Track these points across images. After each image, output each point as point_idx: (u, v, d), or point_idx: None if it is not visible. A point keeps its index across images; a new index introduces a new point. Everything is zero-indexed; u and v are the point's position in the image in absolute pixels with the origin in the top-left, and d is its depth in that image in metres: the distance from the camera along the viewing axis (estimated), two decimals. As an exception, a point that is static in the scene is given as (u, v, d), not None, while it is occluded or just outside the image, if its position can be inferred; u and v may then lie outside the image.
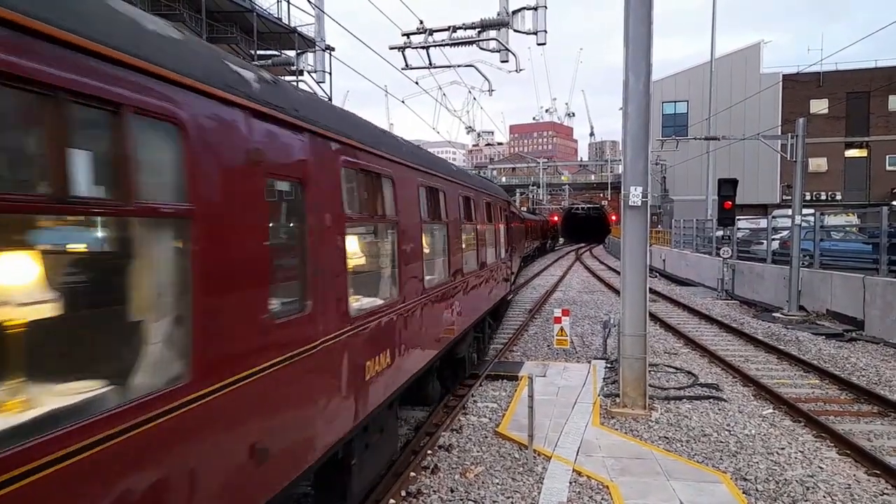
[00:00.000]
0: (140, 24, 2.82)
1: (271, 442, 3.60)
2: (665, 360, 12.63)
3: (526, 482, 6.74)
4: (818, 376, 11.39)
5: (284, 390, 3.77)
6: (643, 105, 8.94)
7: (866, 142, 44.91)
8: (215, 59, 3.42)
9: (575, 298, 23.11)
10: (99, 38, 2.43)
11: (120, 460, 2.46)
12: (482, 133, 42.98)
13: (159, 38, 2.91)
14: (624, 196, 9.11)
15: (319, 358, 4.20)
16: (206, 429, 3.04)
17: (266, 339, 3.55)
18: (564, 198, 79.14)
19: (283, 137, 3.87)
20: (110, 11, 2.66)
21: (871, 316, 14.95)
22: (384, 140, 6.07)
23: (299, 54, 31.04)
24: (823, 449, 7.82)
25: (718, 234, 25.40)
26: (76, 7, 2.44)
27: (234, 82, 3.41)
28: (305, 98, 4.70)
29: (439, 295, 7.82)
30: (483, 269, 11.09)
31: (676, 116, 47.68)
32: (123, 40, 2.59)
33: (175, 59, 2.91)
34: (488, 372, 11.31)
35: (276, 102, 3.79)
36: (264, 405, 3.56)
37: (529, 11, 11.58)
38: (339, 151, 4.69)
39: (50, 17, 2.22)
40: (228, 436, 3.24)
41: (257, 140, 3.54)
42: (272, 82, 3.94)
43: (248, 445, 3.38)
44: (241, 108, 3.40)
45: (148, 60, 2.69)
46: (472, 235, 10.39)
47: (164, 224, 2.92)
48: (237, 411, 3.31)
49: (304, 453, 4.08)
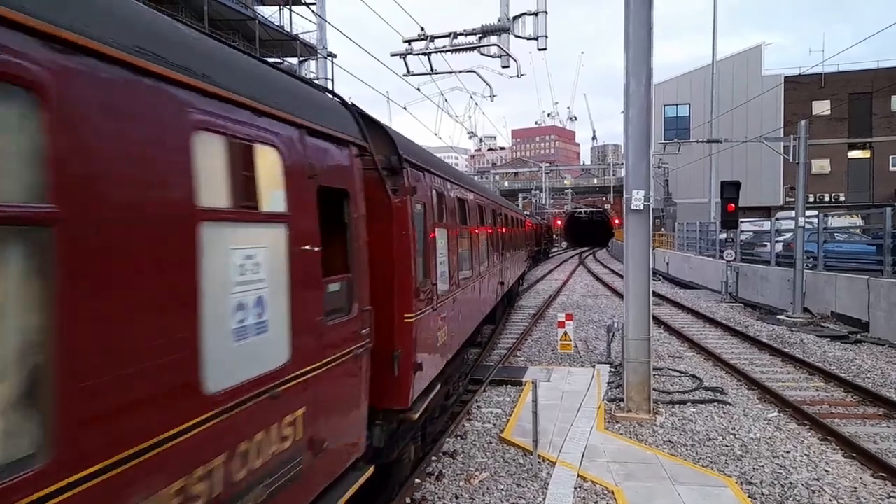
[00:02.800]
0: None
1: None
2: (669, 363, 12.60)
3: (531, 488, 6.73)
4: (823, 379, 11.34)
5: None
6: (645, 108, 8.95)
7: (869, 143, 44.80)
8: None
9: (578, 303, 23.08)
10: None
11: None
12: (484, 138, 43.08)
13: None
14: (626, 200, 9.12)
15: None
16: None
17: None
18: (567, 202, 79.11)
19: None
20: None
21: (877, 317, 14.90)
22: (467, 179, 12.08)
23: (301, 61, 31.22)
24: (829, 452, 7.79)
25: (722, 237, 25.34)
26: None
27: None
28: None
29: (505, 265, 16.51)
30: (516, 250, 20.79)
31: (678, 119, 47.64)
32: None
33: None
34: (492, 377, 11.30)
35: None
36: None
37: (530, 17, 11.63)
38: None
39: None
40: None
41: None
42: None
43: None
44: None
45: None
46: (510, 232, 18.78)
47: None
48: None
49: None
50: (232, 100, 3.09)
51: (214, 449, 2.84)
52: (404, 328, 5.54)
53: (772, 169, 43.28)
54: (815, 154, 33.37)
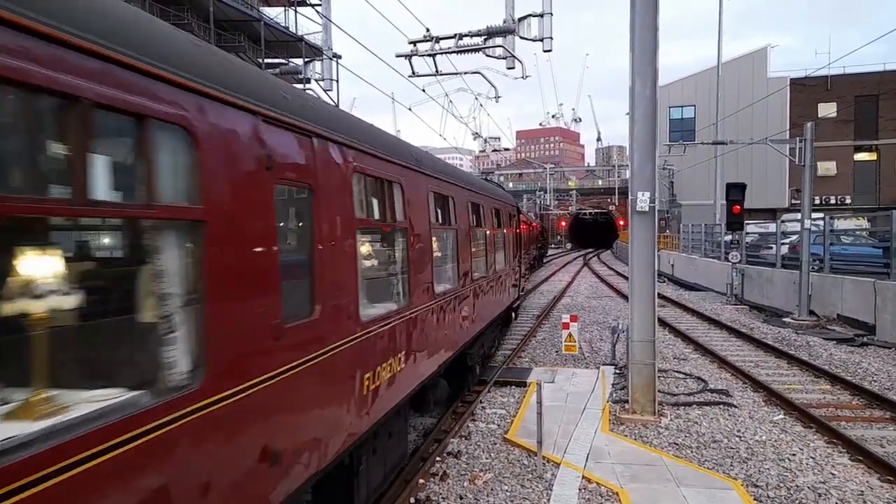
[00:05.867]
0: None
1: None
2: (674, 365, 12.57)
3: (535, 489, 6.72)
4: (829, 381, 11.29)
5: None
6: (650, 110, 8.94)
7: (875, 145, 44.61)
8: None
9: (583, 304, 23.05)
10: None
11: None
12: (489, 139, 43.03)
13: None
14: (632, 201, 9.10)
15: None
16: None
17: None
18: (572, 203, 79.05)
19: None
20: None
21: (883, 320, 14.82)
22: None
23: (307, 62, 31.29)
24: (835, 455, 7.75)
25: (727, 239, 25.27)
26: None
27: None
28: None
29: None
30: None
31: (683, 121, 47.52)
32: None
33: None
34: (497, 378, 11.29)
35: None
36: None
37: (535, 18, 11.63)
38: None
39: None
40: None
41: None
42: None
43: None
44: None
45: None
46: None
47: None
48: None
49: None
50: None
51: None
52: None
53: (777, 171, 43.15)
54: (820, 156, 33.18)
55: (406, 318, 6.07)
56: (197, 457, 2.96)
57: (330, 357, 4.25)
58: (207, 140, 3.08)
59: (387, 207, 5.88)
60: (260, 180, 3.53)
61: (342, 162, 4.70)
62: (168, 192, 2.87)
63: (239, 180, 3.35)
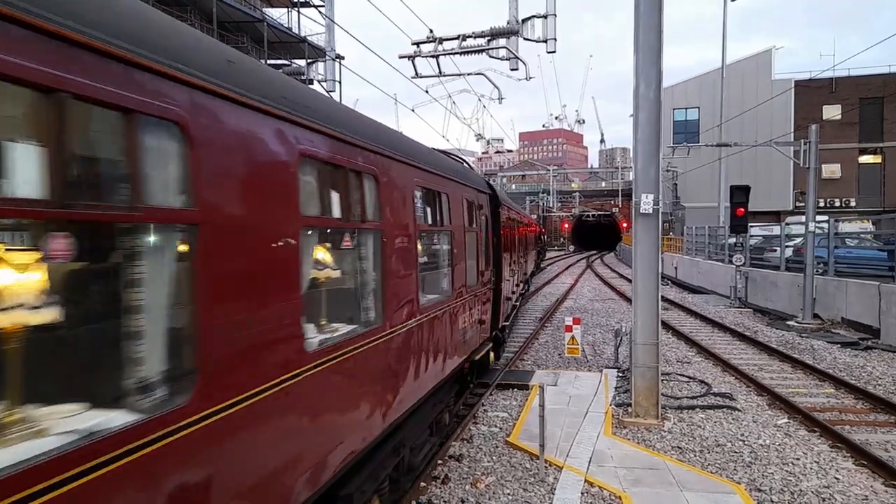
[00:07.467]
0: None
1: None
2: (678, 368, 12.51)
3: (537, 492, 6.68)
4: (833, 385, 11.23)
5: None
6: (654, 112, 8.91)
7: (880, 148, 44.45)
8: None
9: (586, 307, 23.00)
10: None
11: None
12: (492, 140, 43.06)
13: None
14: (635, 203, 9.07)
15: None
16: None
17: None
18: (575, 205, 78.93)
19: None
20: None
21: (888, 324, 14.74)
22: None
23: (310, 63, 31.31)
24: (839, 459, 7.70)
25: (731, 242, 25.19)
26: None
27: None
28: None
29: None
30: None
31: (687, 123, 47.42)
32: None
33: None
34: (499, 381, 11.25)
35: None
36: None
37: (539, 20, 11.60)
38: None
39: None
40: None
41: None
42: None
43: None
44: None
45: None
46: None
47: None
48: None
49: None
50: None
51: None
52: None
53: (782, 173, 43.03)
54: (825, 159, 33.05)
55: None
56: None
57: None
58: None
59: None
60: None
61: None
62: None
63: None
